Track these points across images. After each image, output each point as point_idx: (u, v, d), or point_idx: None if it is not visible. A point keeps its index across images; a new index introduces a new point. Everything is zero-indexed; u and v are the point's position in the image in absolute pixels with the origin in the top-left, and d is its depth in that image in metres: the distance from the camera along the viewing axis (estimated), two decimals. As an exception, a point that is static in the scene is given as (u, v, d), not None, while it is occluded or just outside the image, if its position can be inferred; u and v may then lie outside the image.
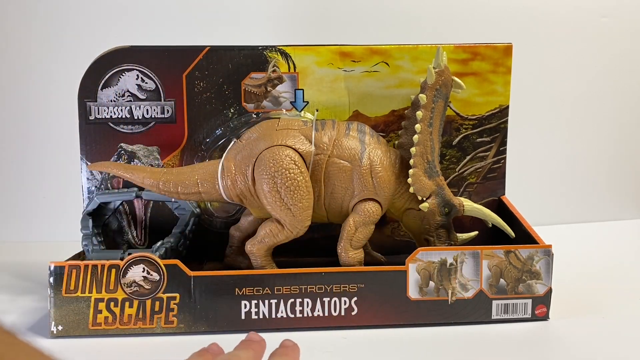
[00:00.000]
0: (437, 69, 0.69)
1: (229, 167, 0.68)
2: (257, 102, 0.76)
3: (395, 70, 0.77)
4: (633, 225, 1.10)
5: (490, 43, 0.78)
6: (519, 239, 0.72)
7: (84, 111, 0.75)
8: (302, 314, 0.65)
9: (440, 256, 0.66)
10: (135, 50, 0.74)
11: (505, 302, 0.67)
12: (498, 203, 0.81)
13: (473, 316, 0.67)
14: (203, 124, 0.76)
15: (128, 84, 0.75)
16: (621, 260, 0.90)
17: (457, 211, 0.71)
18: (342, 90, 0.77)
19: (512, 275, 0.66)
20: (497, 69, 0.78)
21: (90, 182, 0.76)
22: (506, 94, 0.79)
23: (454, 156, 0.80)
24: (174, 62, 0.75)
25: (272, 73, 0.76)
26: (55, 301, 0.64)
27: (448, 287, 0.66)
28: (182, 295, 0.64)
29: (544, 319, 0.67)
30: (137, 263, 0.64)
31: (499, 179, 0.81)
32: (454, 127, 0.79)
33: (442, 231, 0.71)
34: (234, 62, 0.75)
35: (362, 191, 0.67)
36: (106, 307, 0.64)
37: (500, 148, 0.80)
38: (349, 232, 0.68)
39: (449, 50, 0.77)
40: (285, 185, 0.65)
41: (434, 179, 0.70)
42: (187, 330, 0.65)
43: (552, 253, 0.67)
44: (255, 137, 0.69)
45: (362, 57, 0.76)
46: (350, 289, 0.65)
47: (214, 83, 0.76)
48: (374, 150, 0.68)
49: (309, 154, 0.67)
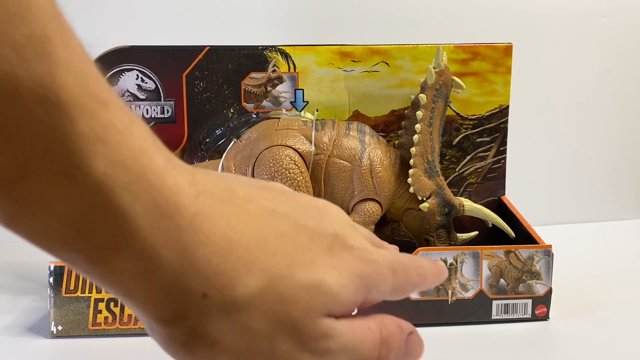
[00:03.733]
0: (437, 69, 0.69)
1: (228, 167, 0.68)
2: (257, 102, 0.76)
3: (395, 70, 0.77)
4: (633, 225, 1.09)
5: (490, 43, 0.78)
6: (519, 239, 0.72)
7: (83, 111, 0.75)
8: (302, 314, 0.65)
9: (440, 256, 0.66)
10: (135, 50, 0.74)
11: (506, 302, 0.67)
12: (498, 203, 0.81)
13: (473, 316, 0.67)
14: (203, 124, 0.76)
15: (128, 84, 0.75)
16: (621, 260, 0.90)
17: (457, 211, 0.71)
18: (342, 90, 0.77)
19: (512, 275, 0.66)
20: (497, 69, 0.78)
21: (90, 182, 0.76)
22: (506, 94, 0.79)
23: (454, 156, 0.80)
24: (174, 62, 0.75)
25: (272, 73, 0.76)
26: (55, 301, 0.64)
27: (448, 287, 0.66)
28: (182, 295, 0.64)
29: (544, 319, 0.67)
30: (137, 263, 0.64)
31: (499, 179, 0.81)
32: (454, 127, 0.79)
33: (442, 231, 0.71)
34: (234, 62, 0.75)
35: (362, 191, 0.67)
36: (106, 307, 0.64)
37: (500, 148, 0.80)
38: (349, 232, 0.68)
39: (449, 50, 0.77)
40: (285, 185, 0.65)
41: (434, 179, 0.70)
42: (187, 330, 0.65)
43: (552, 253, 0.67)
44: (255, 137, 0.69)
45: (362, 57, 0.76)
46: (350, 289, 0.65)
47: (214, 83, 0.75)
48: (374, 150, 0.68)
49: (309, 154, 0.67)
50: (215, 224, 0.26)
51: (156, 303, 0.26)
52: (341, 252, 0.30)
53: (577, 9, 1.07)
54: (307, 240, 0.29)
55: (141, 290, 0.25)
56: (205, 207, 0.26)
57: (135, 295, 0.26)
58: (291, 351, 0.27)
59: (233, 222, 0.26)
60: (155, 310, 0.26)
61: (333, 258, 0.29)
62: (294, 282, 0.27)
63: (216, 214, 0.26)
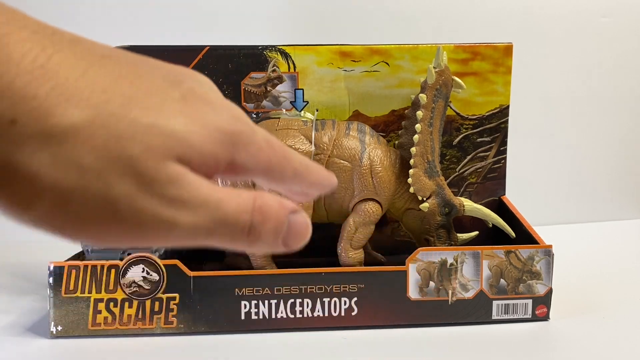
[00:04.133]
0: (437, 69, 0.69)
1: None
2: (257, 102, 0.76)
3: (395, 70, 0.77)
4: (633, 225, 1.09)
5: (490, 43, 0.78)
6: (519, 239, 0.72)
7: (83, 111, 0.75)
8: (302, 314, 0.65)
9: (440, 256, 0.66)
10: (135, 50, 0.74)
11: (506, 303, 0.67)
12: (498, 203, 0.81)
13: (473, 316, 0.67)
14: (203, 124, 0.76)
15: (128, 83, 0.75)
16: (621, 260, 0.90)
17: (457, 211, 0.71)
18: (342, 90, 0.76)
19: (512, 275, 0.66)
20: (497, 69, 0.78)
21: (90, 182, 0.76)
22: (506, 94, 0.79)
23: (454, 156, 0.80)
24: (174, 62, 0.74)
25: (272, 73, 0.75)
26: (55, 301, 0.63)
27: (448, 287, 0.66)
28: (181, 295, 0.64)
29: (545, 319, 0.67)
30: (137, 263, 0.64)
31: (499, 179, 0.81)
32: (454, 127, 0.79)
33: (442, 231, 0.71)
34: (234, 62, 0.75)
35: (362, 191, 0.67)
36: (106, 307, 0.64)
37: (501, 148, 0.80)
38: (349, 232, 0.68)
39: (449, 50, 0.77)
40: (285, 185, 0.65)
41: (434, 179, 0.70)
42: (187, 331, 0.65)
43: (553, 253, 0.67)
44: (255, 137, 0.69)
45: (362, 57, 0.76)
46: (350, 289, 0.65)
47: (214, 83, 0.75)
48: (374, 150, 0.68)
49: (309, 154, 0.67)
50: (25, 49, 0.23)
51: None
52: (197, 103, 0.27)
53: (577, 9, 1.07)
54: (152, 86, 0.26)
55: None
56: (17, 36, 0.23)
57: None
58: (134, 193, 0.24)
59: (52, 53, 0.24)
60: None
61: (186, 107, 0.26)
62: (129, 119, 0.24)
63: (33, 43, 0.23)
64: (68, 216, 0.24)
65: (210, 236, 0.26)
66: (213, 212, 0.26)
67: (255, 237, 0.27)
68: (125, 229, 0.24)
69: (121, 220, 0.24)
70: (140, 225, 0.24)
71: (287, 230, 0.28)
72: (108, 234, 0.24)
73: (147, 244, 0.26)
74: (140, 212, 0.24)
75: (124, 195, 0.24)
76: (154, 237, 0.25)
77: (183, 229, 0.25)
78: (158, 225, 0.25)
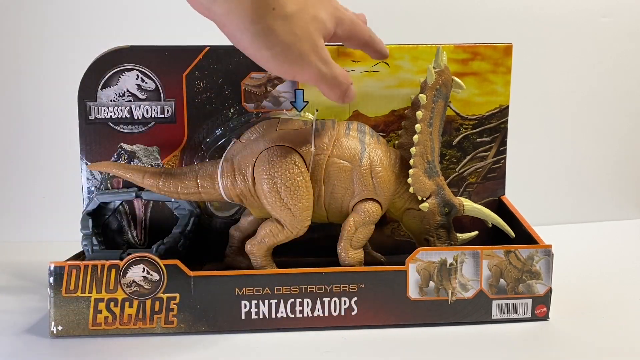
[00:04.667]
0: (437, 69, 0.69)
1: (228, 167, 0.68)
2: (257, 102, 0.76)
3: (395, 70, 0.77)
4: (633, 225, 1.10)
5: (490, 43, 0.78)
6: (519, 239, 0.72)
7: (83, 111, 0.75)
8: (302, 314, 0.65)
9: (440, 256, 0.66)
10: (135, 50, 0.74)
11: (506, 302, 0.67)
12: (498, 203, 0.81)
13: (473, 316, 0.67)
14: (203, 124, 0.76)
15: (128, 84, 0.75)
16: (621, 260, 0.90)
17: (457, 211, 0.71)
18: (342, 90, 0.76)
19: (512, 275, 0.66)
20: (497, 69, 0.78)
21: (90, 182, 0.76)
22: (506, 94, 0.79)
23: (454, 156, 0.80)
24: (174, 62, 0.75)
25: (272, 73, 0.75)
26: (55, 301, 0.64)
27: (448, 287, 0.66)
28: (182, 295, 0.64)
29: (544, 319, 0.67)
30: (137, 263, 0.64)
31: (499, 179, 0.81)
32: (454, 127, 0.79)
33: (442, 231, 0.71)
34: (234, 62, 0.75)
35: (362, 191, 0.67)
36: (106, 307, 0.64)
37: (500, 148, 0.80)
38: (349, 232, 0.68)
39: (449, 50, 0.77)
40: (285, 185, 0.65)
41: (434, 179, 0.70)
42: (187, 330, 0.65)
43: (552, 253, 0.67)
44: (255, 137, 0.69)
45: (362, 57, 0.76)
46: (350, 289, 0.65)
47: (214, 83, 0.75)
48: (374, 150, 0.68)
49: (309, 154, 0.67)
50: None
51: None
52: (325, 2, 0.58)
53: (577, 9, 1.07)
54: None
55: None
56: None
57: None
58: (311, 52, 0.56)
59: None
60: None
61: (322, 4, 0.57)
62: (310, 15, 0.55)
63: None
64: (275, 53, 0.54)
65: (328, 83, 0.58)
66: (336, 71, 0.58)
67: (344, 93, 0.60)
68: (300, 64, 0.55)
69: (303, 62, 0.55)
70: (305, 66, 0.56)
71: (351, 93, 0.61)
72: (289, 63, 0.55)
73: (301, 77, 0.57)
74: (310, 61, 0.55)
75: (306, 51, 0.55)
76: (307, 73, 0.56)
77: (323, 73, 0.57)
78: (313, 70, 0.56)
